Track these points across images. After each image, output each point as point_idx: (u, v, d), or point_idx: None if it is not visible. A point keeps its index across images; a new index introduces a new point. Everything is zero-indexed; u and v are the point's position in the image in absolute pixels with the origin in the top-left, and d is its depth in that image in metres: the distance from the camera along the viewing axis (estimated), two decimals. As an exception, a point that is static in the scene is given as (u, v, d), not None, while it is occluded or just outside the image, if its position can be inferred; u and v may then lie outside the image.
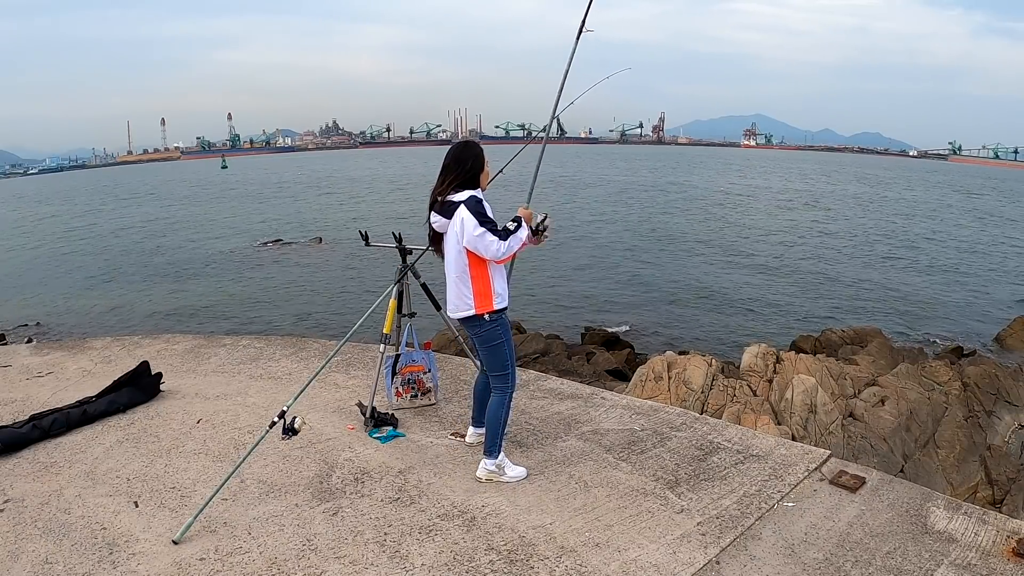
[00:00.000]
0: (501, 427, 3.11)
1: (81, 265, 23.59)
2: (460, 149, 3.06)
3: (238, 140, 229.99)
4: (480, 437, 3.41)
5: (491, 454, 3.12)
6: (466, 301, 3.04)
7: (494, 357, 3.12)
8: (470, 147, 3.07)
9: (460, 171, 3.01)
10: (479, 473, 3.13)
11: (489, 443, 3.12)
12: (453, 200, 2.98)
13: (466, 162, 3.01)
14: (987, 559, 2.46)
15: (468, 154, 3.03)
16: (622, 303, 17.44)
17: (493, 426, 3.10)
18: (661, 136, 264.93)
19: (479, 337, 3.12)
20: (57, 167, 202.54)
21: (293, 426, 3.67)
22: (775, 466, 3.20)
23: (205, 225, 33.21)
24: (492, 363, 3.14)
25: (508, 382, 3.13)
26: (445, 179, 3.03)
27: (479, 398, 3.40)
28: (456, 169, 3.01)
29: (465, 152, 3.04)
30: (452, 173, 3.01)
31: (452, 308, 3.12)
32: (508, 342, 3.12)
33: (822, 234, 29.17)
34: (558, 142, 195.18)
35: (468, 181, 3.01)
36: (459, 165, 3.01)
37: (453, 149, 3.09)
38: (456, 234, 2.98)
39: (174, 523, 2.76)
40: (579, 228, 29.70)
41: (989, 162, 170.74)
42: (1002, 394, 9.16)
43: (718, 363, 9.08)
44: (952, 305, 17.94)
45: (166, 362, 4.97)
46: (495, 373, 3.15)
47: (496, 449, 3.12)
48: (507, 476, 3.13)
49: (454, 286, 3.07)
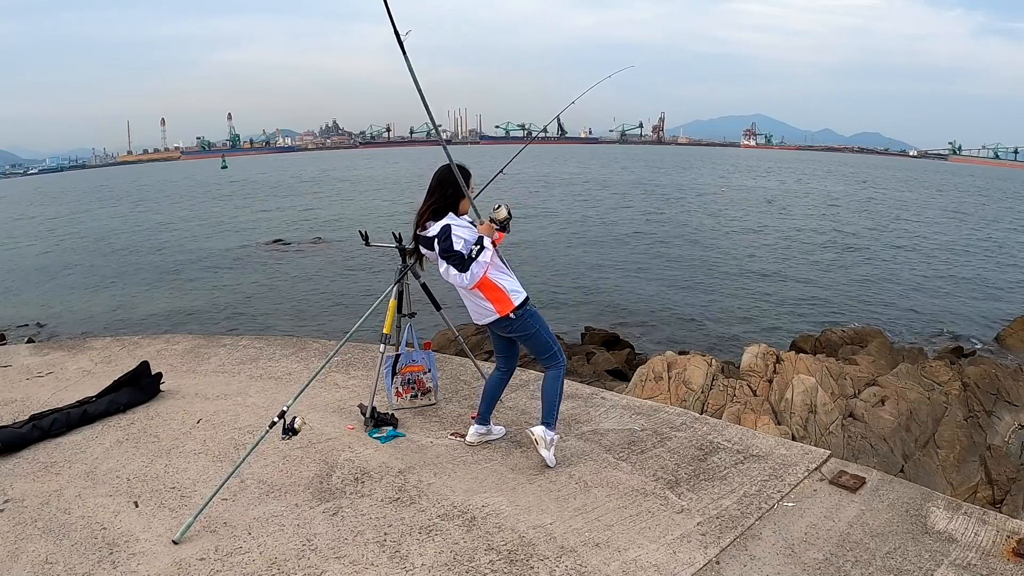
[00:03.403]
0: (558, 399, 3.23)
1: (81, 265, 23.59)
2: (447, 173, 3.15)
3: (238, 140, 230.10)
4: (481, 436, 3.46)
5: (550, 425, 3.21)
6: (487, 309, 3.17)
7: (537, 343, 3.25)
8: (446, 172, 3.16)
9: (443, 193, 3.14)
10: (535, 430, 3.20)
11: (548, 415, 3.21)
12: (427, 236, 3.13)
13: (449, 186, 3.14)
14: (987, 559, 2.46)
15: (453, 178, 3.13)
16: (622, 303, 17.44)
17: (551, 399, 3.21)
18: (661, 136, 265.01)
19: (516, 333, 3.24)
20: (57, 167, 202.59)
21: (293, 426, 3.67)
22: (775, 466, 3.20)
23: (205, 225, 33.21)
24: (537, 349, 3.26)
25: (559, 359, 3.26)
26: (429, 199, 3.16)
27: (490, 396, 3.46)
28: (440, 191, 3.14)
29: (451, 176, 3.13)
30: (436, 194, 3.14)
31: (477, 317, 3.24)
32: (544, 327, 3.25)
33: (822, 234, 29.16)
34: (558, 142, 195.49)
35: (448, 206, 3.14)
36: (444, 187, 3.14)
37: (440, 172, 3.17)
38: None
39: (174, 523, 2.76)
40: (579, 228, 29.72)
41: (989, 162, 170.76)
42: (1002, 394, 9.16)
43: (718, 363, 9.08)
44: (952, 305, 17.94)
45: (166, 362, 4.97)
46: (543, 356, 3.26)
47: (553, 420, 3.22)
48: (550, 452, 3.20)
49: (469, 300, 3.22)
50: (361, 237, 4.00)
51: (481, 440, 3.46)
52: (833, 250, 25.34)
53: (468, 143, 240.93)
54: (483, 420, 3.48)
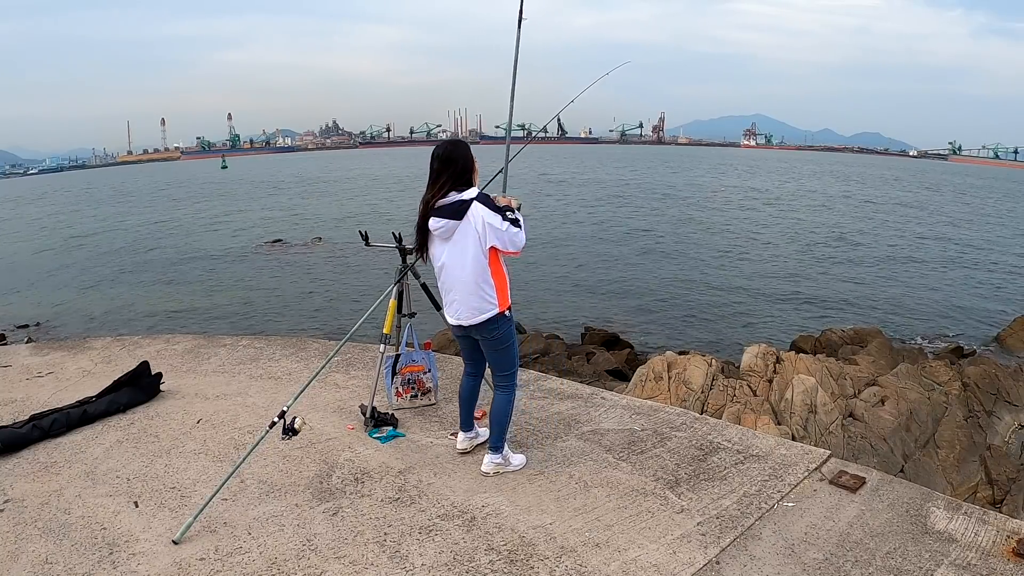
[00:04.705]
0: (507, 423, 3.12)
1: (81, 265, 23.58)
2: (449, 149, 2.89)
3: (238, 140, 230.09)
4: (471, 442, 3.37)
5: (498, 449, 3.13)
6: (490, 302, 2.94)
7: (507, 355, 3.07)
8: (459, 146, 2.92)
9: (453, 171, 2.86)
10: (486, 468, 3.12)
11: (496, 439, 3.11)
12: (462, 199, 2.85)
13: (457, 162, 2.87)
14: (987, 559, 2.46)
15: (458, 153, 2.88)
16: (622, 303, 17.43)
17: (501, 423, 3.09)
18: (661, 136, 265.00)
19: (497, 339, 3.02)
20: (57, 167, 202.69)
21: (293, 426, 3.67)
22: (775, 466, 3.20)
23: (205, 225, 33.20)
24: (504, 362, 3.08)
25: (515, 379, 3.13)
26: (437, 182, 2.87)
27: (468, 402, 3.33)
28: (448, 170, 2.86)
29: (455, 151, 2.88)
30: (444, 175, 2.86)
31: (471, 313, 2.95)
32: (516, 338, 3.12)
33: (822, 234, 29.15)
34: (558, 142, 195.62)
35: (463, 182, 2.89)
36: (451, 165, 2.86)
37: (440, 150, 2.90)
38: (477, 233, 2.86)
39: (174, 523, 2.76)
40: (579, 228, 29.70)
41: (989, 162, 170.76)
42: (1002, 394, 9.16)
43: (718, 363, 9.08)
44: (952, 305, 17.93)
45: (166, 362, 4.97)
46: (505, 372, 3.09)
47: (502, 444, 3.13)
48: (513, 465, 3.15)
49: (473, 289, 2.92)
50: (361, 237, 4.00)
51: (472, 445, 3.39)
52: (833, 250, 25.34)
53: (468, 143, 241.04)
54: (467, 426, 3.39)
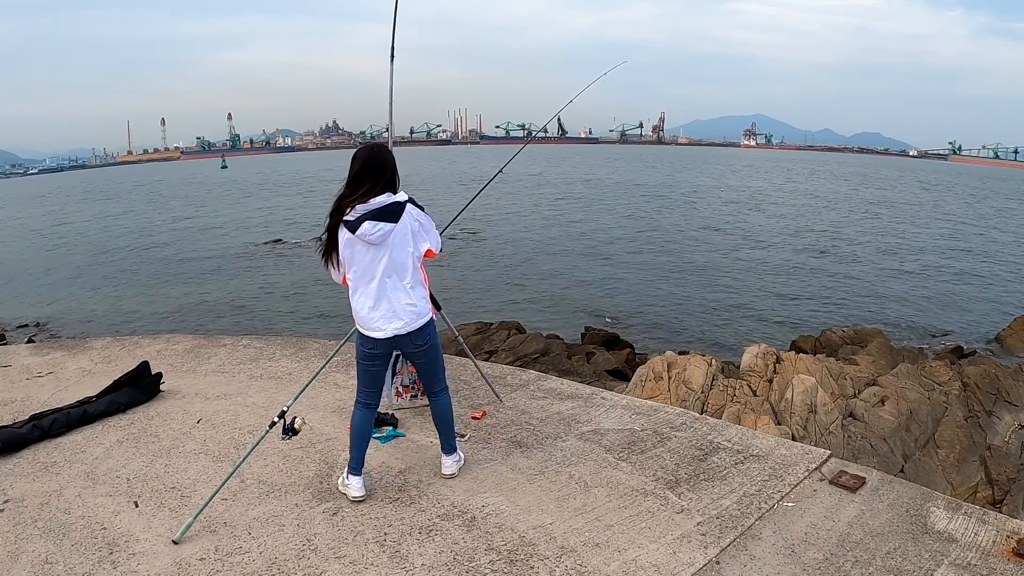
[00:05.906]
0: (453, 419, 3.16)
1: (81, 265, 23.60)
2: (375, 153, 2.78)
3: (238, 140, 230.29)
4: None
5: (454, 450, 3.17)
6: (423, 307, 2.87)
7: (438, 360, 3.04)
8: (384, 151, 2.81)
9: (381, 176, 2.75)
10: (450, 471, 3.13)
11: (452, 442, 3.15)
12: (396, 200, 2.76)
13: (385, 169, 2.76)
14: (987, 559, 2.46)
15: (384, 159, 2.78)
16: (622, 303, 17.44)
17: (451, 423, 3.12)
18: (661, 136, 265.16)
19: (430, 346, 2.93)
20: (57, 167, 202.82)
21: (293, 426, 3.67)
22: (775, 466, 3.20)
23: (205, 225, 33.22)
24: (437, 367, 3.03)
25: (445, 378, 3.11)
26: (361, 187, 2.72)
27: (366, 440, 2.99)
28: (376, 175, 2.74)
29: (382, 157, 2.78)
30: (370, 180, 2.73)
31: (410, 318, 2.82)
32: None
33: (822, 234, 29.17)
34: (558, 142, 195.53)
35: (391, 187, 2.78)
36: (380, 171, 2.75)
37: (365, 153, 2.78)
38: (413, 235, 2.81)
39: (174, 523, 2.76)
40: (578, 227, 29.70)
41: (989, 162, 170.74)
42: (1002, 394, 9.16)
43: (718, 363, 9.08)
44: (952, 305, 17.95)
45: (166, 362, 4.97)
46: (440, 375, 3.05)
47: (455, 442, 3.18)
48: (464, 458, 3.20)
49: (404, 294, 2.81)
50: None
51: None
52: (833, 250, 25.35)
53: (468, 143, 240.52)
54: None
